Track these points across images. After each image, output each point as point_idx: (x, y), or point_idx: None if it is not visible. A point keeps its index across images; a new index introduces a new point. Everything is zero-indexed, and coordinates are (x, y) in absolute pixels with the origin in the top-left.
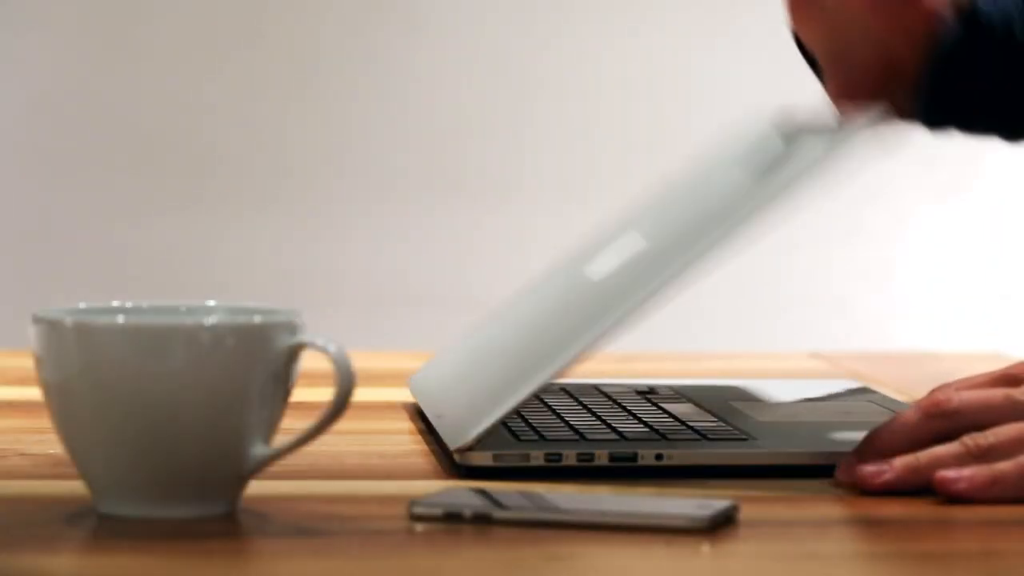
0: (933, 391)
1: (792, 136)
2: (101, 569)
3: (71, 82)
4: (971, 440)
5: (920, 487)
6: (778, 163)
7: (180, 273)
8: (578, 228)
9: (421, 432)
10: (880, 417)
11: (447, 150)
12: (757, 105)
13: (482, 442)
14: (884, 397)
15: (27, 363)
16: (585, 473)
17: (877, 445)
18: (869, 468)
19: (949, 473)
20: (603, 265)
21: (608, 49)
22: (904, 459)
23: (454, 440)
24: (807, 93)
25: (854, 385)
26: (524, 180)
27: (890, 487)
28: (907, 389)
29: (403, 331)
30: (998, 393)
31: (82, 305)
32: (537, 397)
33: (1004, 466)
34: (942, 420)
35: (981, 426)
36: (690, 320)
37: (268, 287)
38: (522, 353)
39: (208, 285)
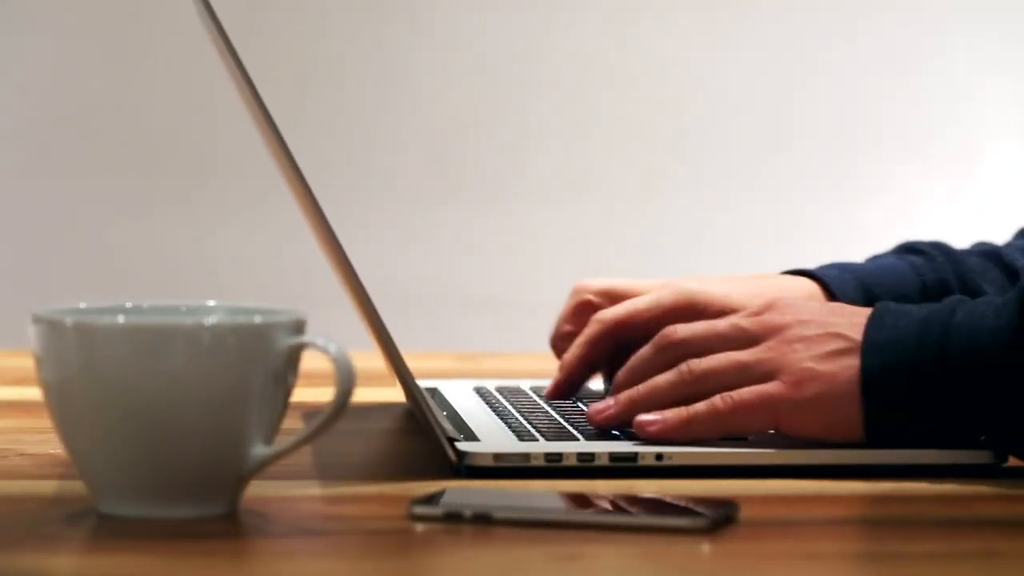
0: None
1: None
2: (101, 569)
3: (71, 82)
4: (686, 367)
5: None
6: None
7: (180, 273)
8: (577, 228)
9: (421, 432)
10: None
11: (447, 150)
12: (756, 105)
13: (483, 443)
14: None
15: (27, 363)
16: (585, 473)
17: (618, 382)
18: (595, 405)
19: (646, 416)
20: None
21: (607, 49)
22: (626, 392)
23: (456, 434)
24: (806, 93)
25: None
26: (524, 180)
27: (612, 421)
28: None
29: (403, 331)
30: (724, 322)
31: (82, 305)
32: (537, 397)
33: (699, 407)
34: (672, 350)
35: (709, 352)
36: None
37: (268, 287)
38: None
39: (208, 285)
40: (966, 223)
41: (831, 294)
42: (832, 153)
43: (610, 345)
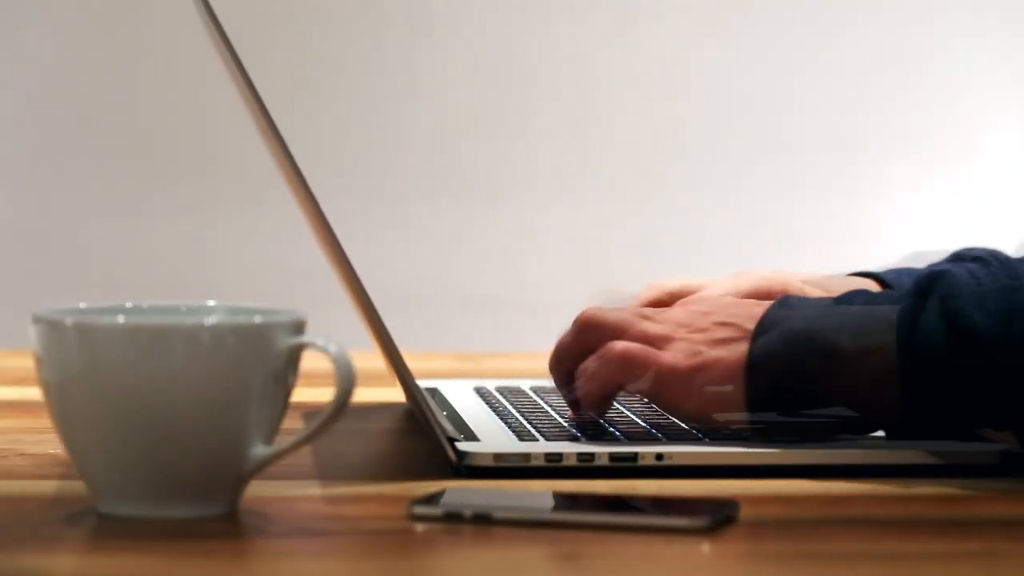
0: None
1: None
2: (101, 569)
3: (71, 82)
4: (604, 347)
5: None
6: None
7: (180, 273)
8: (578, 228)
9: (421, 432)
10: None
11: (446, 150)
12: (755, 105)
13: (483, 443)
14: None
15: (27, 363)
16: (585, 473)
17: (550, 365)
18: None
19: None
20: None
21: (607, 50)
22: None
23: (456, 434)
24: (805, 93)
25: None
26: (524, 180)
27: (578, 412)
28: None
29: (403, 331)
30: (631, 310)
31: (82, 305)
32: (537, 397)
33: (590, 362)
34: (585, 333)
35: (614, 336)
36: None
37: (268, 287)
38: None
39: (208, 285)
40: (965, 222)
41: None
42: (832, 153)
43: None
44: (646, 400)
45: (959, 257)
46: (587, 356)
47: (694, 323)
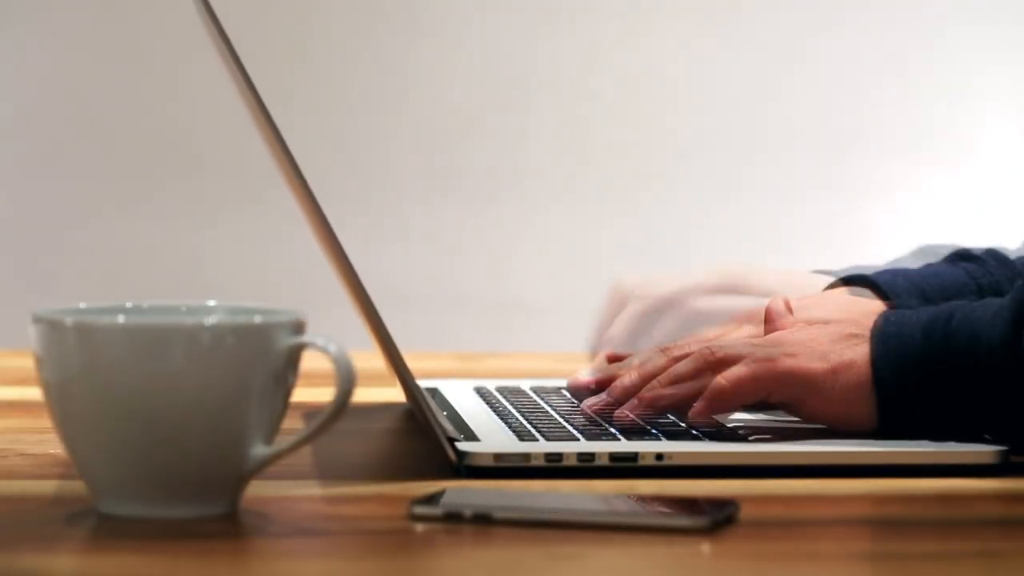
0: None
1: None
2: (101, 569)
3: (70, 82)
4: (707, 350)
5: (668, 409)
6: None
7: (179, 273)
8: (578, 228)
9: (421, 432)
10: None
11: (446, 150)
12: (753, 105)
13: (483, 443)
14: None
15: (27, 363)
16: (585, 473)
17: (627, 388)
18: (622, 410)
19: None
20: None
21: (605, 49)
22: (651, 385)
23: (456, 434)
24: (803, 92)
25: None
26: (525, 180)
27: (638, 411)
28: None
29: (403, 331)
30: (736, 335)
31: (82, 305)
32: (537, 397)
33: (737, 370)
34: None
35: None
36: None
37: (268, 287)
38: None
39: (208, 285)
40: (964, 220)
41: (886, 298)
42: (831, 152)
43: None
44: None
45: (958, 257)
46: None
47: (799, 335)
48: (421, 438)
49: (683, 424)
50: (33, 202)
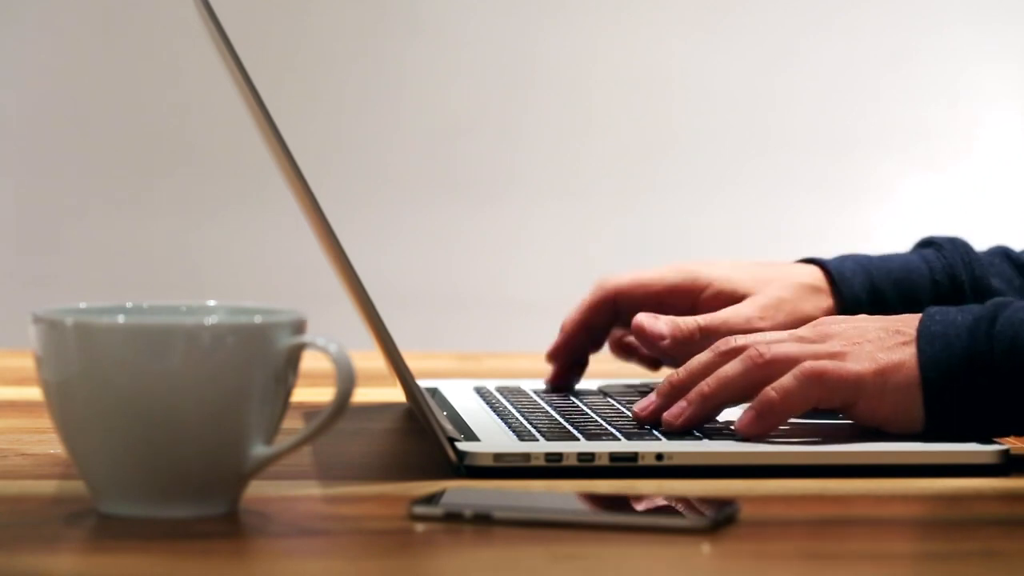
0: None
1: None
2: (101, 569)
3: (71, 82)
4: (755, 351)
5: (717, 411)
6: None
7: (180, 273)
8: (578, 227)
9: (421, 432)
10: None
11: (447, 150)
12: (750, 104)
13: (483, 443)
14: None
15: (27, 363)
16: (585, 473)
17: (674, 382)
18: (671, 412)
19: (742, 418)
20: None
21: (603, 49)
22: (697, 389)
23: (456, 434)
24: (802, 93)
25: None
26: (524, 180)
27: (692, 420)
28: None
29: (403, 331)
30: (783, 333)
31: (82, 305)
32: (537, 397)
33: (783, 380)
34: (732, 355)
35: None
36: None
37: (268, 287)
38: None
39: (208, 285)
40: (963, 219)
41: (832, 279)
42: (830, 152)
43: (610, 311)
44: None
45: (922, 244)
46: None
47: (848, 334)
48: (421, 438)
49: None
50: (33, 202)
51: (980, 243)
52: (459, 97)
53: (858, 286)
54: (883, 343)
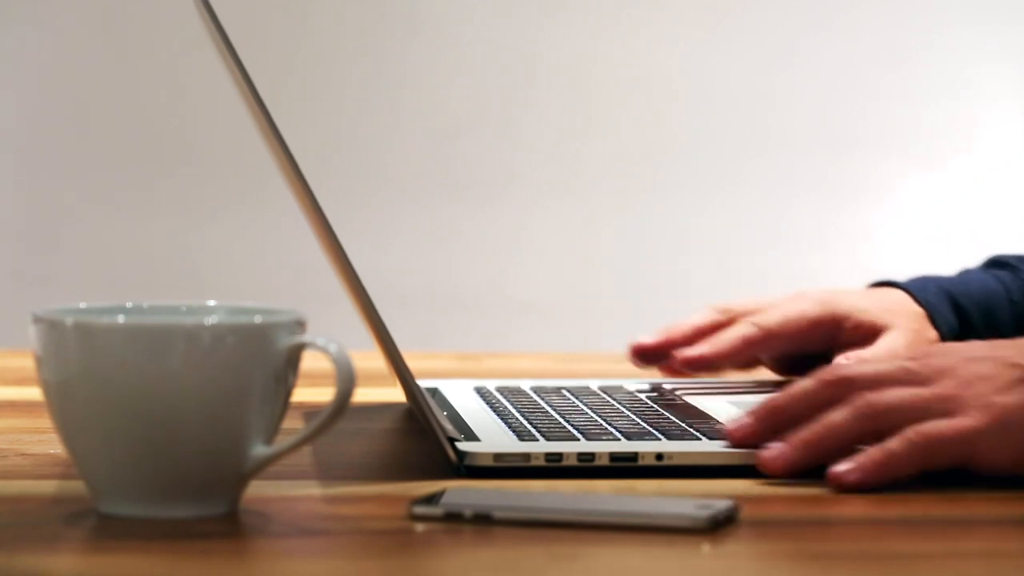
0: (835, 360)
1: None
2: (101, 569)
3: (71, 82)
4: (864, 402)
5: (819, 461)
6: None
7: (180, 273)
8: (579, 227)
9: (421, 432)
10: None
11: (447, 150)
12: (749, 105)
13: (483, 443)
14: None
15: (27, 363)
16: (585, 473)
17: (776, 412)
18: (769, 453)
19: (841, 467)
20: None
21: (603, 49)
22: (799, 435)
23: (456, 434)
24: (802, 93)
25: None
26: (524, 180)
27: (792, 466)
28: None
29: (403, 331)
30: (891, 364)
31: (82, 305)
32: (537, 397)
33: (893, 445)
34: (840, 387)
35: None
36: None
37: (268, 287)
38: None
39: (207, 285)
40: (963, 220)
41: (917, 302)
42: (830, 152)
43: (759, 351)
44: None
45: (992, 264)
46: (826, 405)
47: (961, 373)
48: (421, 438)
49: (684, 423)
50: (33, 202)
51: (981, 243)
52: (459, 97)
53: (949, 314)
54: (998, 380)
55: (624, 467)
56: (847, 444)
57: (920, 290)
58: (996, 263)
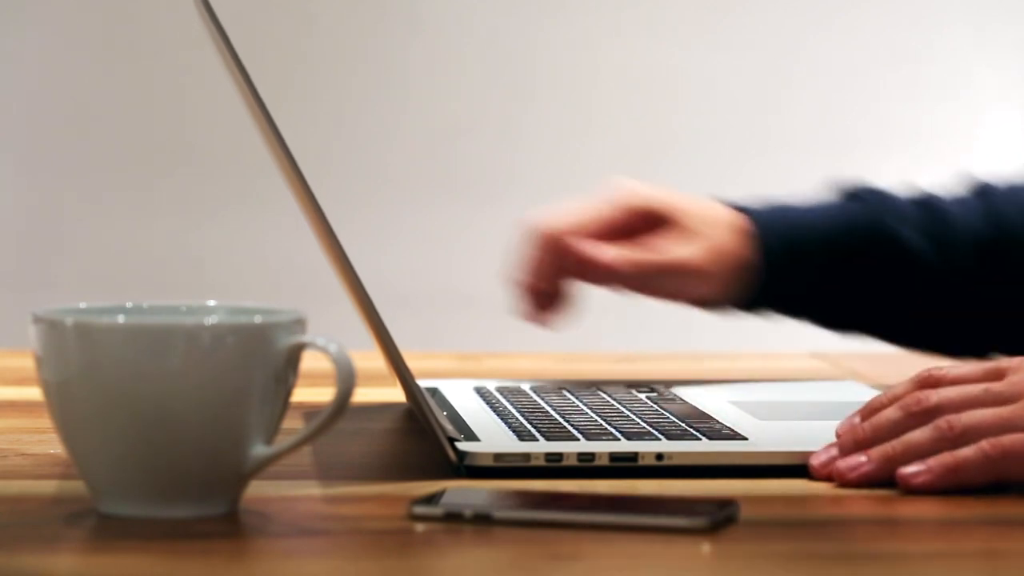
0: (919, 374)
1: None
2: (101, 569)
3: (71, 82)
4: (945, 422)
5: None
6: None
7: (180, 273)
8: None
9: (421, 432)
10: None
11: (446, 149)
12: (748, 104)
13: (483, 443)
14: None
15: (27, 363)
16: (585, 473)
17: (861, 445)
18: (846, 464)
19: (909, 468)
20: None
21: (602, 48)
22: (880, 449)
23: (456, 434)
24: (802, 93)
25: (855, 387)
26: (523, 180)
27: (868, 479)
28: None
29: (403, 331)
30: (977, 388)
31: (82, 305)
32: (537, 397)
33: (966, 452)
34: (924, 417)
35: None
36: (691, 320)
37: (267, 287)
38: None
39: (207, 285)
40: None
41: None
42: (829, 152)
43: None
44: None
45: (848, 196)
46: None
47: None
48: (421, 438)
49: (684, 423)
50: (33, 202)
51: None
52: (459, 97)
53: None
54: None
55: (624, 467)
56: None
57: (765, 220)
58: (851, 196)
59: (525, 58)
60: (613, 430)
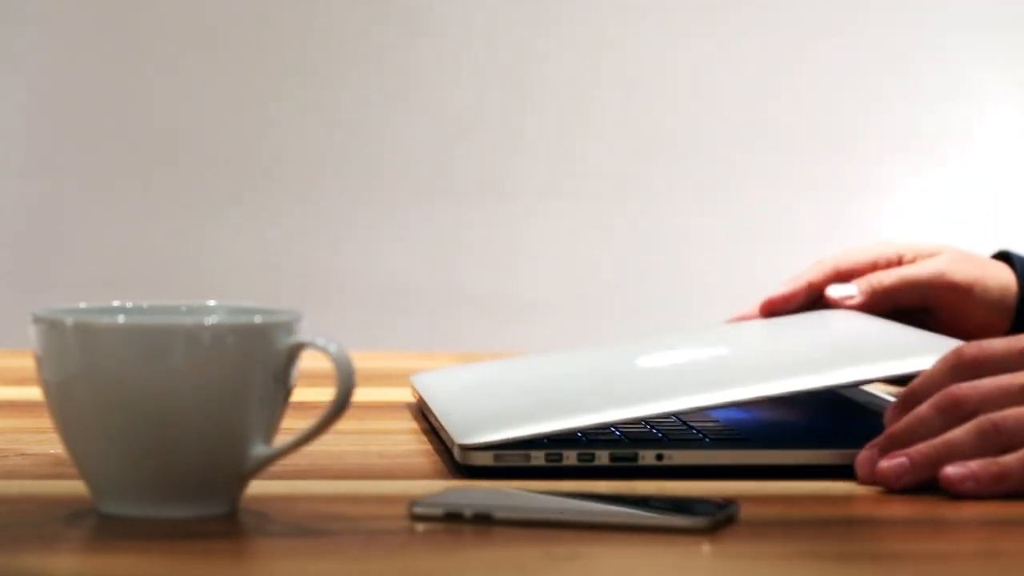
0: (954, 354)
1: None
2: (101, 569)
3: (71, 82)
4: (988, 422)
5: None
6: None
7: (180, 273)
8: (577, 227)
9: (422, 432)
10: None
11: (446, 150)
12: (747, 103)
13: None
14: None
15: (27, 363)
16: (585, 473)
17: (897, 444)
18: (889, 466)
19: (954, 470)
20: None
21: (602, 48)
22: (921, 450)
23: (460, 436)
24: (802, 93)
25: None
26: (524, 180)
27: (910, 483)
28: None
29: (403, 330)
30: (1017, 382)
31: (82, 305)
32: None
33: (1010, 461)
34: (957, 412)
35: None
36: (690, 320)
37: (267, 287)
38: (563, 397)
39: (207, 285)
40: (963, 220)
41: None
42: (830, 152)
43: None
44: None
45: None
46: (945, 430)
47: None
48: (421, 438)
49: (684, 423)
50: (33, 202)
51: (981, 243)
52: (459, 98)
53: None
54: None
55: (624, 467)
56: (968, 459)
57: None
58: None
59: (525, 59)
60: (613, 430)
